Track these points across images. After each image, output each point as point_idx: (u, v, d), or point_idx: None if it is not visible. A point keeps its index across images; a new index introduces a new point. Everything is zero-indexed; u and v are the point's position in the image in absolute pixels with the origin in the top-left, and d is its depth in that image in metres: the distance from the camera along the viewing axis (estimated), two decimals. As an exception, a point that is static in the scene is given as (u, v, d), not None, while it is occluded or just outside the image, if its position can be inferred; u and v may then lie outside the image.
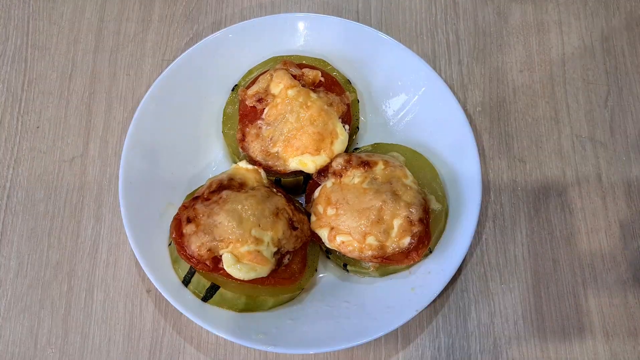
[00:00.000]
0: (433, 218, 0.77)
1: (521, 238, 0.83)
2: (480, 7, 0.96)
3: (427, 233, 0.74)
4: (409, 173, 0.78)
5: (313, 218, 0.77)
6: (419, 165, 0.81)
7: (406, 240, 0.73)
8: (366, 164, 0.77)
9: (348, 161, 0.78)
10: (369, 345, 0.77)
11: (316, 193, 0.78)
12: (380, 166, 0.77)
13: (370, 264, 0.76)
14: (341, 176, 0.77)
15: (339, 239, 0.74)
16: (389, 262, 0.74)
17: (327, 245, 0.76)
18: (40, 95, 0.89)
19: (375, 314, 0.74)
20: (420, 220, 0.74)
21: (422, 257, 0.75)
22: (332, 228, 0.75)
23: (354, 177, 0.76)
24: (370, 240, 0.73)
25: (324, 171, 0.79)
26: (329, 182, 0.78)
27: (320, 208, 0.76)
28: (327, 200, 0.76)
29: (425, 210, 0.75)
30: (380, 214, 0.74)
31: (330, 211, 0.75)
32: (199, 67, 0.85)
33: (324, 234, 0.75)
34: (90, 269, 0.80)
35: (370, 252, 0.73)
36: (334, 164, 0.78)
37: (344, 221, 0.75)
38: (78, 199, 0.84)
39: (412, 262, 0.74)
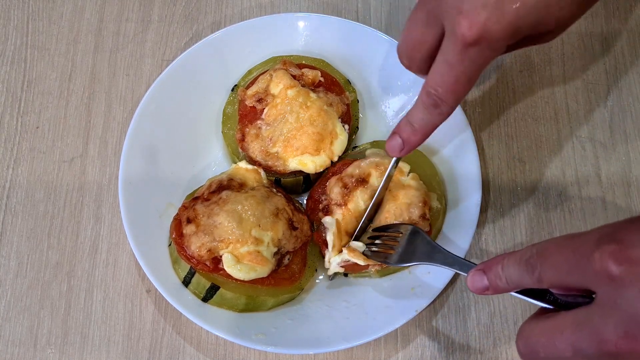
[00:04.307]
0: (431, 216, 0.77)
1: (521, 238, 0.83)
2: (479, 7, 0.96)
3: (429, 229, 0.75)
4: (404, 166, 0.78)
5: (332, 254, 0.75)
6: (418, 163, 0.81)
7: None
8: (362, 181, 0.76)
9: (344, 186, 0.76)
10: (369, 345, 0.77)
11: (331, 226, 0.75)
12: (374, 175, 0.77)
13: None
14: (346, 204, 0.76)
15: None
16: None
17: (336, 269, 0.75)
18: (40, 95, 0.89)
19: (375, 314, 0.74)
20: (422, 216, 0.74)
21: None
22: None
23: (359, 200, 0.76)
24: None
25: (326, 208, 0.77)
26: (338, 215, 0.76)
27: (343, 243, 0.75)
28: (345, 233, 0.75)
29: (426, 203, 0.75)
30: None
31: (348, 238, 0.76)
32: (199, 67, 0.85)
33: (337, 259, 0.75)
34: (90, 269, 0.80)
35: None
36: (333, 196, 0.76)
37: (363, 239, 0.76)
38: (78, 199, 0.84)
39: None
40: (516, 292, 0.55)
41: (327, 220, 0.75)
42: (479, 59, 0.57)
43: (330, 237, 0.74)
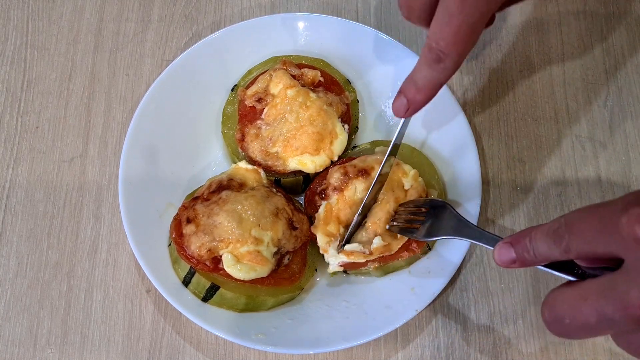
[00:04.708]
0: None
1: (521, 238, 0.83)
2: (479, 7, 0.96)
3: None
4: (406, 168, 0.78)
5: (324, 239, 0.75)
6: (418, 162, 0.81)
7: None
8: (364, 172, 0.77)
9: (345, 174, 0.77)
10: (369, 345, 0.77)
11: (321, 210, 0.77)
12: (377, 169, 0.77)
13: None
14: (342, 190, 0.77)
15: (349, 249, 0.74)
16: (389, 259, 0.75)
17: (336, 269, 0.76)
18: (40, 95, 0.89)
19: (375, 314, 0.74)
20: None
21: (422, 247, 0.75)
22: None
23: (356, 190, 0.76)
24: (377, 242, 0.73)
25: (323, 191, 0.77)
26: (332, 200, 0.77)
27: (331, 228, 0.76)
28: (336, 219, 0.76)
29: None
30: (387, 223, 0.74)
31: (342, 229, 0.76)
32: (199, 67, 0.85)
33: (333, 252, 0.75)
34: (90, 269, 0.80)
35: (377, 255, 0.73)
36: (332, 181, 0.77)
37: (356, 236, 0.75)
38: (77, 199, 0.84)
39: (412, 253, 0.75)
40: (543, 265, 0.54)
41: (321, 204, 0.76)
42: (481, 4, 0.54)
43: (318, 216, 0.75)
